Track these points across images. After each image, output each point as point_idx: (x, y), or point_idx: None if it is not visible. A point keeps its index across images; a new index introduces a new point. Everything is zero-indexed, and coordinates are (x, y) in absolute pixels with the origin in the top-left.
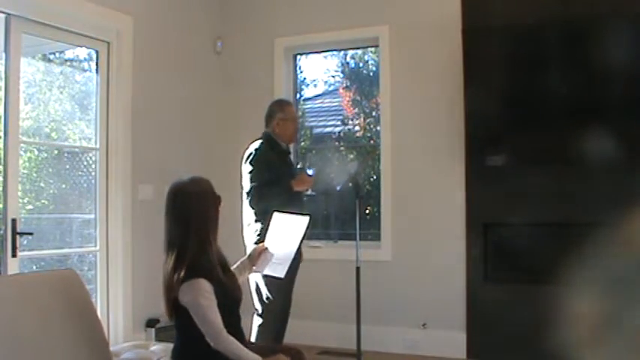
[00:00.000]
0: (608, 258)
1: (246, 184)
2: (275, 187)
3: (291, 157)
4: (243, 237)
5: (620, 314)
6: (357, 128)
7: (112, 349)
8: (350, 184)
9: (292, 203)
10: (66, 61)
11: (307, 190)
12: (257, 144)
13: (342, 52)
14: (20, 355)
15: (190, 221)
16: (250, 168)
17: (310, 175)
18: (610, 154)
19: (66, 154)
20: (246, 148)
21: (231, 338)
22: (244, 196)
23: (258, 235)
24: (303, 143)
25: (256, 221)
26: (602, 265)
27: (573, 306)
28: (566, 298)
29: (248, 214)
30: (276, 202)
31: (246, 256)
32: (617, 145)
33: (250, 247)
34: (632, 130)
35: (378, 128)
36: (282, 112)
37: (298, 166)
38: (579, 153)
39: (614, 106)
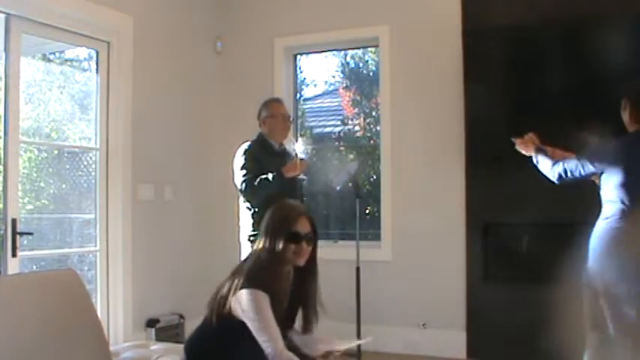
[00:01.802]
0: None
1: (238, 179)
2: (265, 176)
3: (292, 156)
4: (239, 236)
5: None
6: (357, 128)
7: (112, 349)
8: (350, 184)
9: (286, 190)
10: (66, 61)
11: (299, 175)
12: (248, 143)
13: (342, 52)
14: (20, 355)
15: (265, 238)
16: (242, 162)
17: (302, 160)
18: None
19: (66, 154)
20: (238, 147)
21: (290, 354)
22: (238, 192)
23: (253, 231)
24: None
25: (250, 216)
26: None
27: (573, 306)
28: (566, 298)
29: (242, 211)
30: (269, 190)
31: None
32: None
33: (245, 243)
34: None
35: (378, 128)
36: (266, 110)
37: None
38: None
39: (614, 107)
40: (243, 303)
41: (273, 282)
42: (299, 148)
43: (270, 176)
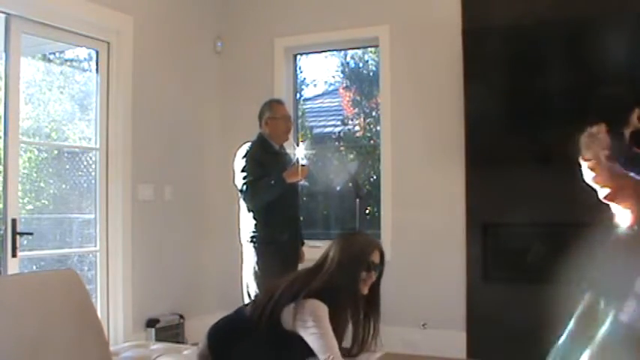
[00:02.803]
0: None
1: (239, 181)
2: (267, 180)
3: (291, 157)
4: (239, 236)
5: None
6: (357, 128)
7: (112, 349)
8: (350, 184)
9: (287, 196)
10: (66, 61)
11: (300, 180)
12: (248, 144)
13: (342, 52)
14: (20, 355)
15: (339, 262)
16: (242, 165)
17: (303, 166)
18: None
19: (66, 154)
20: (239, 149)
21: None
22: (239, 193)
23: (254, 231)
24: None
25: (250, 217)
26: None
27: (573, 306)
28: (566, 297)
29: (243, 211)
30: (269, 196)
31: None
32: None
33: (246, 245)
34: None
35: (378, 128)
36: (270, 111)
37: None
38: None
39: (614, 107)
40: (302, 312)
41: (337, 300)
42: (300, 153)
43: (271, 181)
